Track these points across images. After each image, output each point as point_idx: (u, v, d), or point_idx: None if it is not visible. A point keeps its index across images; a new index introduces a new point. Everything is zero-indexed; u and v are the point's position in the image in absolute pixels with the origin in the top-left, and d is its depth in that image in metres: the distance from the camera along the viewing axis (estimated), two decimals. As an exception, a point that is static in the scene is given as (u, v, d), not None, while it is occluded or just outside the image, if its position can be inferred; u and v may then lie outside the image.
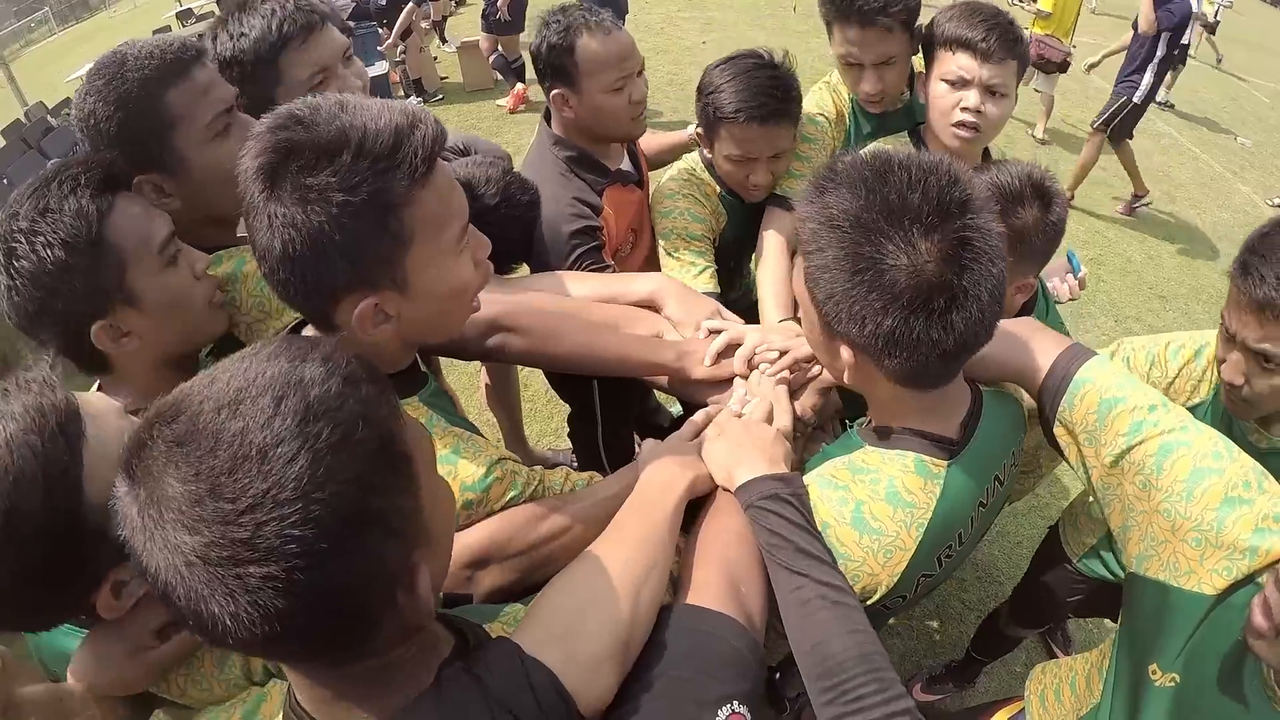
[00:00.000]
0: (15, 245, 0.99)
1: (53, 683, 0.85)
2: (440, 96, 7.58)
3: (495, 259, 1.00)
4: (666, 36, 8.73)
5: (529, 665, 0.69)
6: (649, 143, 2.09)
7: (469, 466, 1.01)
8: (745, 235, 1.85)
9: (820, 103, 1.86)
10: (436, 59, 8.26)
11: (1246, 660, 0.86)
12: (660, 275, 1.53)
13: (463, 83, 7.71)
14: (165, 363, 1.13)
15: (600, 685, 0.73)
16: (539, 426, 3.35)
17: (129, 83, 1.15)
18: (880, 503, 0.97)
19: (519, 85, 7.08)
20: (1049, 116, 6.87)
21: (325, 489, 0.53)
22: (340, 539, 0.54)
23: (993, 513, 1.15)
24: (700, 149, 1.84)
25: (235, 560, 0.51)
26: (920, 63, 1.75)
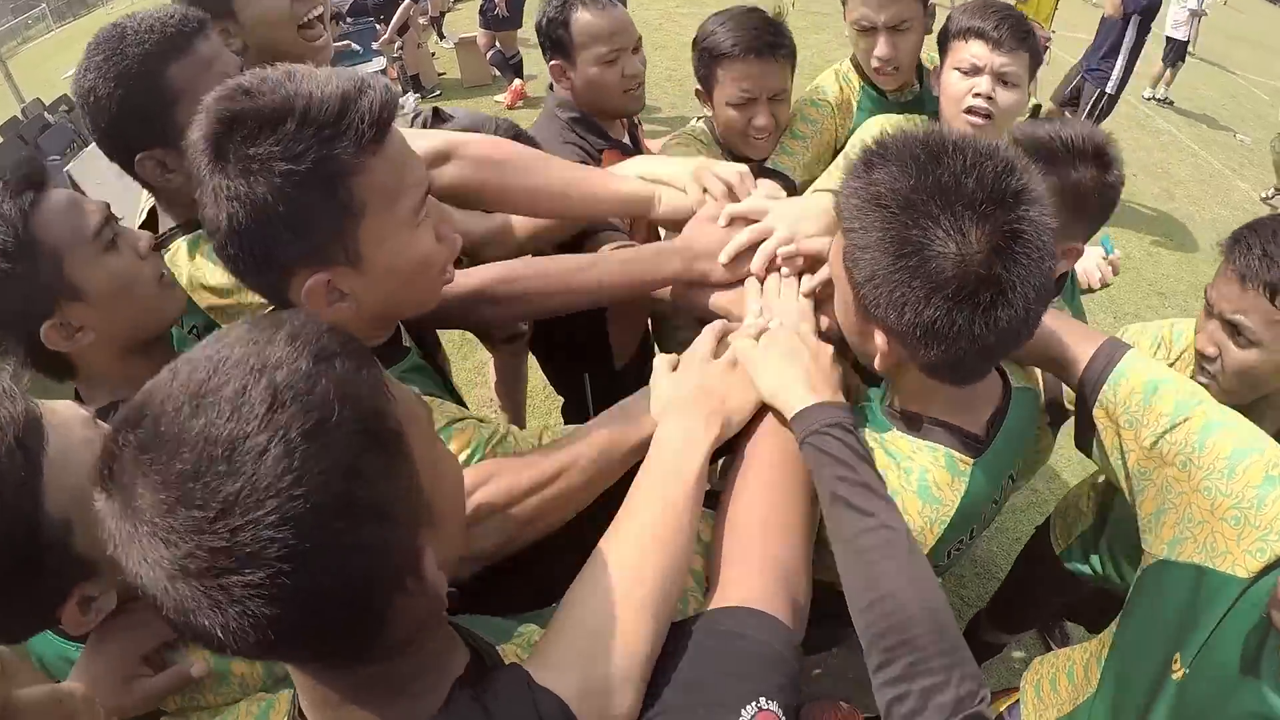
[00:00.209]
0: None
1: (53, 683, 0.83)
2: (438, 92, 7.57)
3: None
4: (665, 33, 8.69)
5: (538, 695, 0.64)
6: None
7: None
8: None
9: (826, 87, 1.86)
10: (434, 55, 8.24)
11: (1266, 650, 0.85)
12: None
13: (460, 79, 7.70)
14: (131, 351, 1.09)
15: (620, 708, 0.68)
16: (538, 422, 3.35)
17: (129, 58, 1.13)
18: (911, 494, 0.96)
19: (516, 81, 7.08)
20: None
21: (303, 483, 0.48)
22: (326, 536, 0.49)
23: (1000, 507, 1.14)
24: (699, 119, 1.85)
25: (215, 571, 0.47)
26: (928, 60, 1.80)
